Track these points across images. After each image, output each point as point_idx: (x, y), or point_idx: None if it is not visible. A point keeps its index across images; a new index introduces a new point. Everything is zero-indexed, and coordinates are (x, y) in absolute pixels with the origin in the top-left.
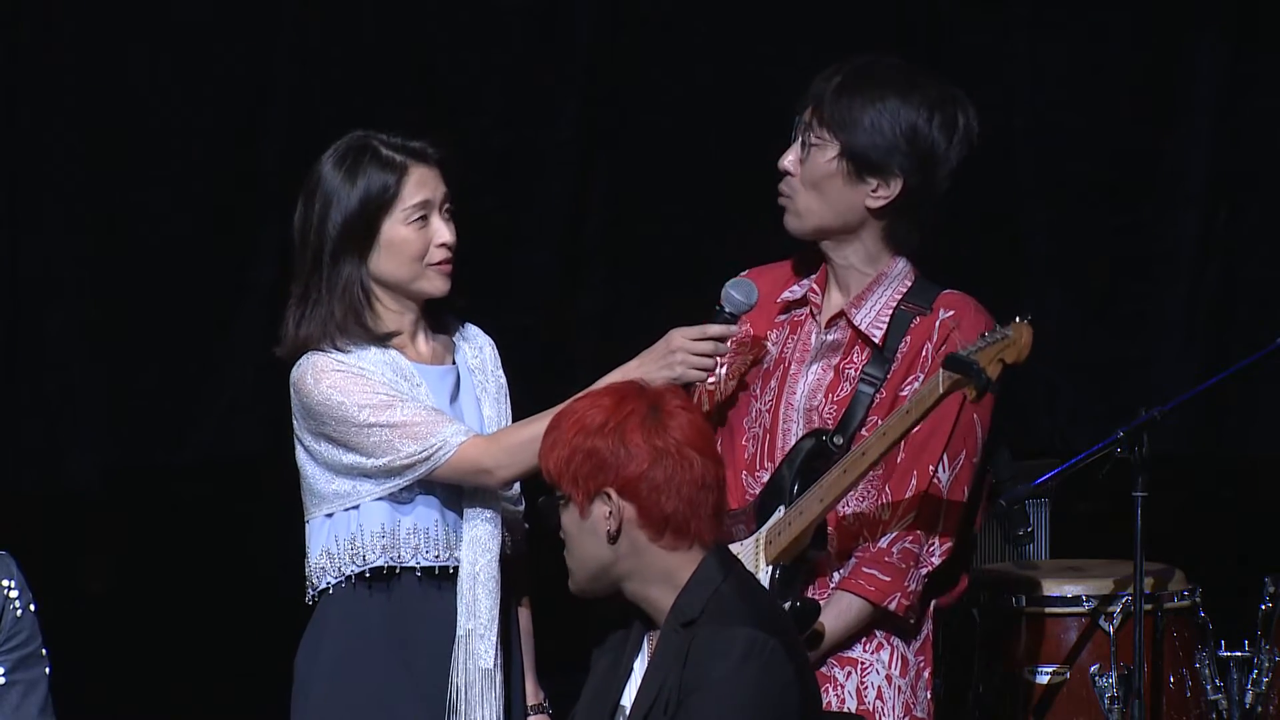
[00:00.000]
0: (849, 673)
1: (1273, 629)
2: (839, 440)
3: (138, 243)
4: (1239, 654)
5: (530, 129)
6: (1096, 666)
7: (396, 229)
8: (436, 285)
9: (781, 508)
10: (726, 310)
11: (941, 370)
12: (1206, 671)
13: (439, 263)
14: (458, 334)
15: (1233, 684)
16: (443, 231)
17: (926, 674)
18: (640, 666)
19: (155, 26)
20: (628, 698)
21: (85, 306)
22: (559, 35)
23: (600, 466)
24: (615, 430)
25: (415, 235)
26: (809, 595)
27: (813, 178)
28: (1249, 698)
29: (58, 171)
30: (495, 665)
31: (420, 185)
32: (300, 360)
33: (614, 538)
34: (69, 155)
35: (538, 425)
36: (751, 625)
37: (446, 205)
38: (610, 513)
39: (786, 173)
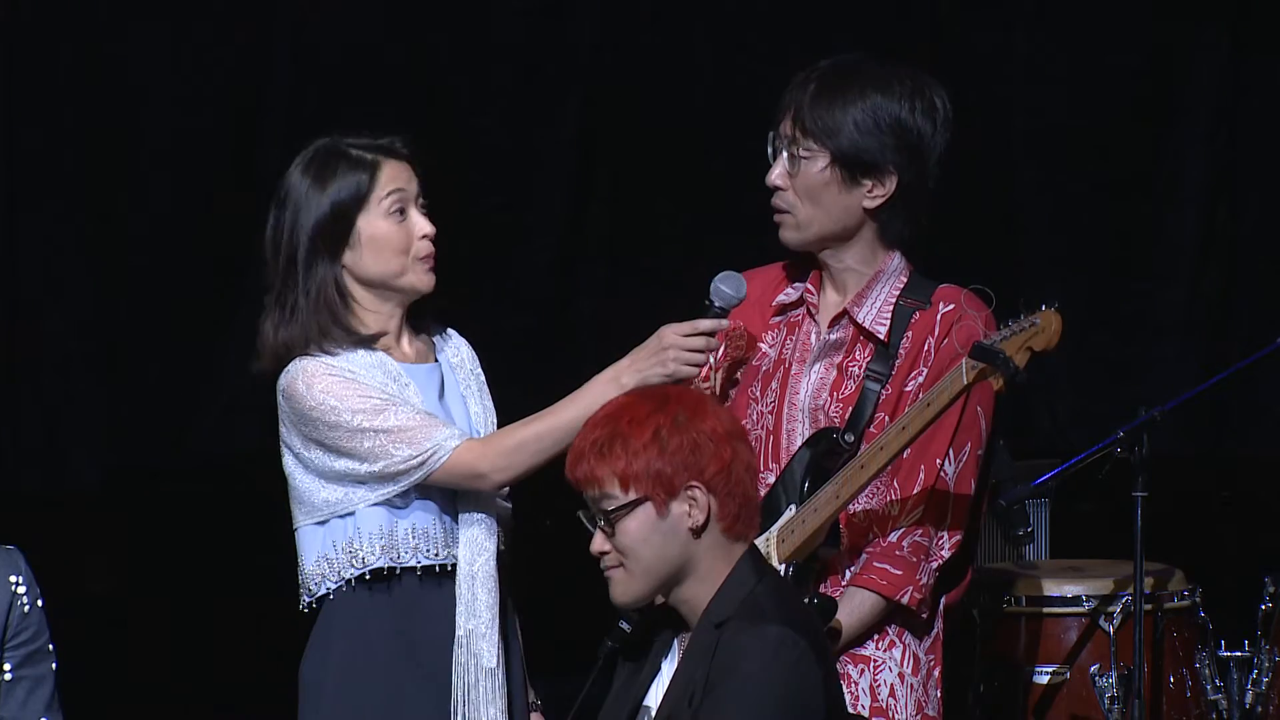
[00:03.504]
0: (862, 670)
1: (1273, 629)
2: (849, 437)
3: (138, 243)
4: (1239, 654)
5: (530, 129)
6: (1096, 666)
7: (375, 223)
8: (424, 280)
9: (793, 506)
10: (716, 305)
11: (965, 360)
12: (1206, 671)
13: (424, 256)
14: (437, 334)
15: (1233, 684)
16: (422, 224)
17: (937, 673)
18: (668, 667)
19: (155, 26)
20: (652, 697)
21: (85, 306)
22: (559, 35)
23: (684, 464)
24: (689, 426)
25: (396, 228)
26: (823, 592)
27: (807, 189)
28: (1249, 698)
29: (58, 172)
30: (498, 664)
31: (393, 178)
32: (289, 366)
33: (699, 532)
34: (69, 155)
35: (530, 428)
36: (782, 624)
37: (421, 199)
38: (692, 508)
39: (777, 188)
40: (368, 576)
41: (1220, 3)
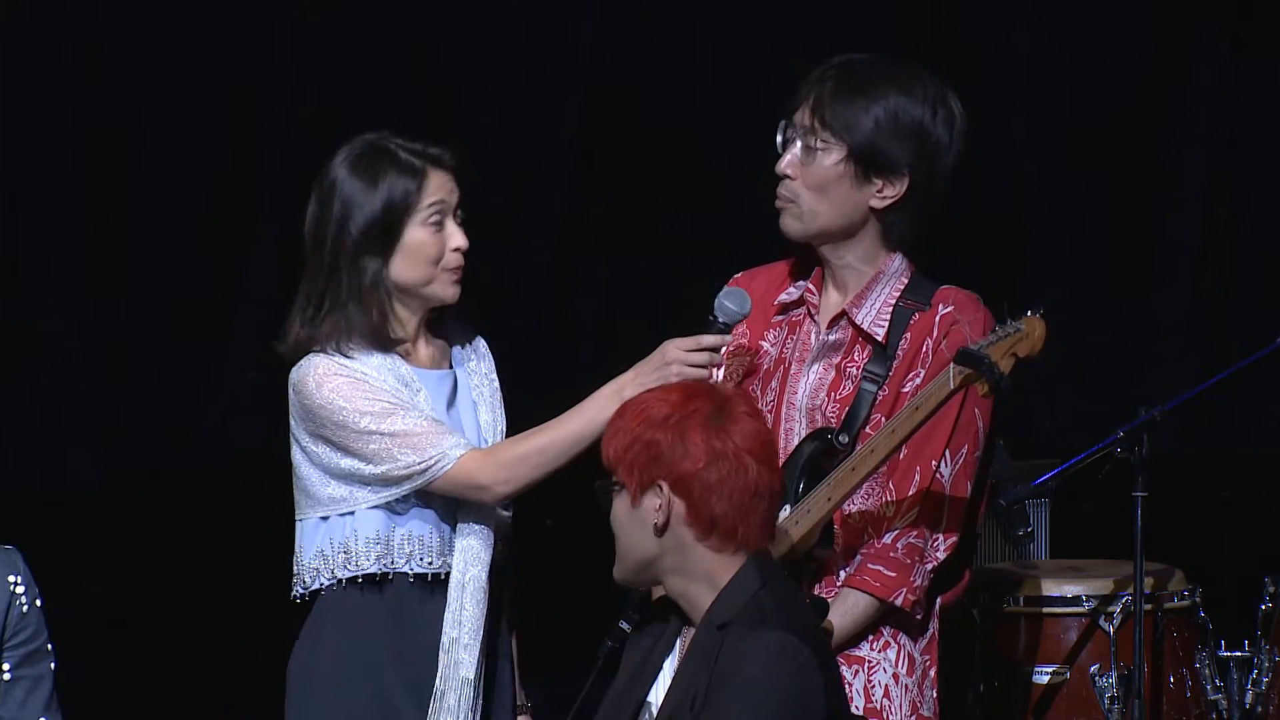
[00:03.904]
0: (856, 671)
1: (1273, 629)
2: (844, 438)
3: (138, 243)
4: (1239, 654)
5: (530, 129)
6: (1096, 666)
7: (415, 232)
8: (449, 291)
9: (787, 506)
10: (720, 320)
11: (952, 365)
12: (1206, 671)
13: (453, 268)
14: (455, 338)
15: (1233, 684)
16: (457, 236)
17: (933, 673)
18: (670, 665)
19: (155, 26)
20: (655, 695)
21: (85, 306)
22: (559, 35)
23: (657, 458)
24: (677, 425)
25: (432, 238)
26: (816, 593)
27: (818, 181)
28: (1249, 698)
29: (57, 172)
30: (477, 675)
31: (438, 188)
32: (301, 362)
33: (660, 531)
34: (69, 155)
35: (532, 441)
36: (785, 630)
37: (459, 211)
38: (660, 505)
39: (786, 176)
40: (360, 579)
41: (1220, 3)
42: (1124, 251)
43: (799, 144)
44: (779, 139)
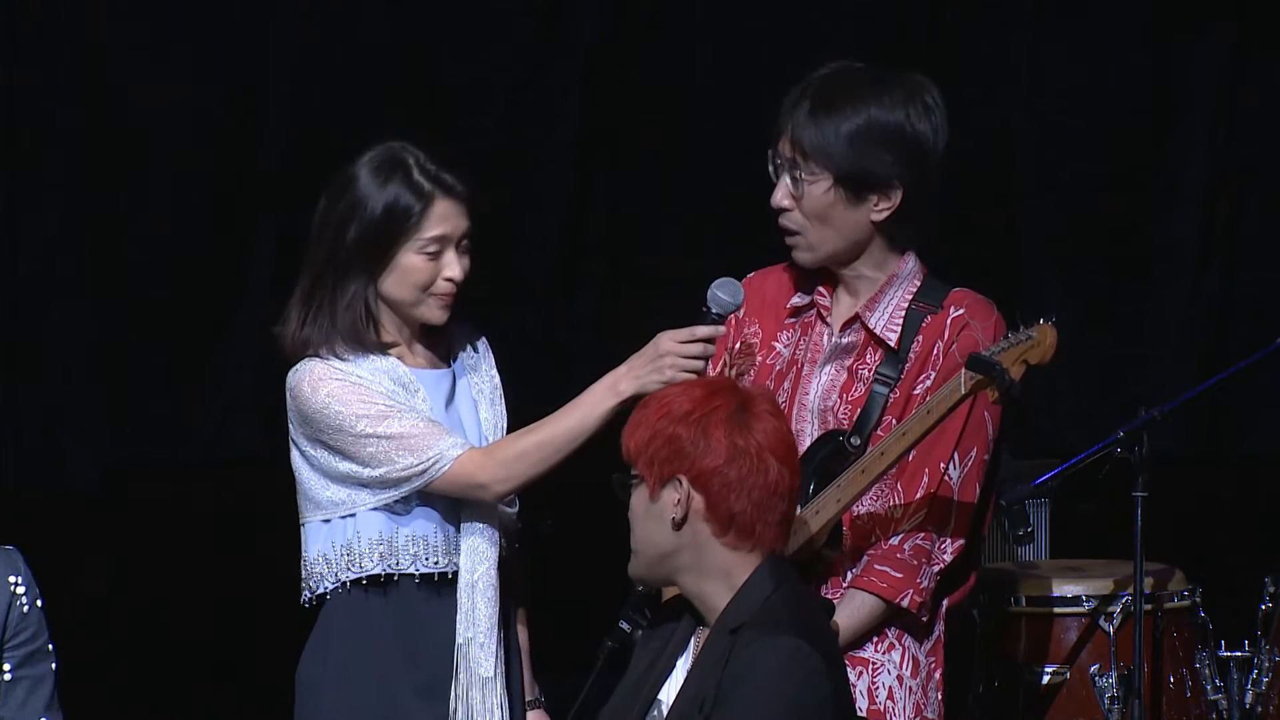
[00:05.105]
0: (860, 673)
1: (1273, 629)
2: (856, 440)
3: (138, 242)
4: (1239, 654)
5: (530, 129)
6: (1096, 666)
7: (409, 256)
8: (435, 315)
9: (797, 507)
10: (713, 311)
11: (964, 371)
12: (1206, 671)
13: (442, 294)
14: (455, 337)
15: (1233, 684)
16: (453, 266)
17: (938, 674)
18: (683, 665)
19: (155, 27)
20: (666, 693)
21: (85, 306)
22: (559, 35)
23: (678, 453)
24: (699, 421)
25: (425, 266)
26: (823, 594)
27: (815, 211)
28: (1249, 698)
29: (58, 172)
30: (496, 673)
31: (442, 220)
32: (297, 366)
33: (679, 525)
34: (69, 156)
35: (529, 438)
36: (796, 636)
37: (464, 241)
38: (679, 500)
39: (783, 209)
40: (364, 581)
41: (1220, 3)
42: (1123, 251)
43: (786, 176)
44: (771, 169)
